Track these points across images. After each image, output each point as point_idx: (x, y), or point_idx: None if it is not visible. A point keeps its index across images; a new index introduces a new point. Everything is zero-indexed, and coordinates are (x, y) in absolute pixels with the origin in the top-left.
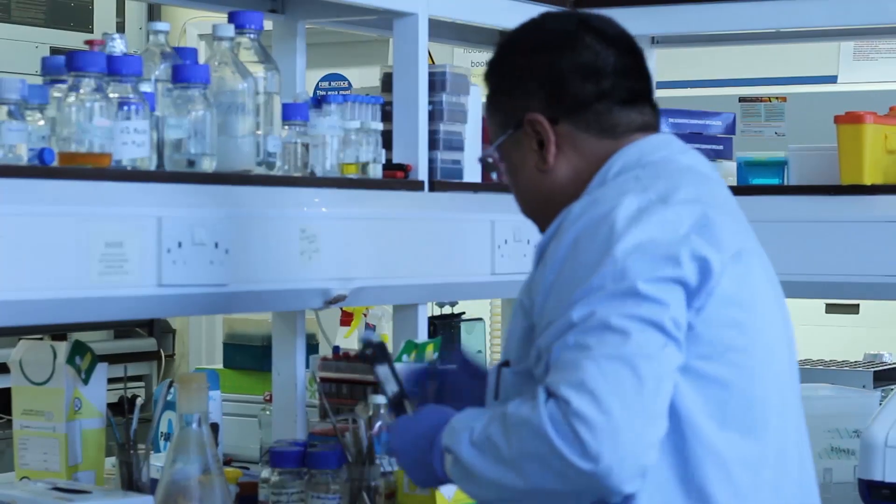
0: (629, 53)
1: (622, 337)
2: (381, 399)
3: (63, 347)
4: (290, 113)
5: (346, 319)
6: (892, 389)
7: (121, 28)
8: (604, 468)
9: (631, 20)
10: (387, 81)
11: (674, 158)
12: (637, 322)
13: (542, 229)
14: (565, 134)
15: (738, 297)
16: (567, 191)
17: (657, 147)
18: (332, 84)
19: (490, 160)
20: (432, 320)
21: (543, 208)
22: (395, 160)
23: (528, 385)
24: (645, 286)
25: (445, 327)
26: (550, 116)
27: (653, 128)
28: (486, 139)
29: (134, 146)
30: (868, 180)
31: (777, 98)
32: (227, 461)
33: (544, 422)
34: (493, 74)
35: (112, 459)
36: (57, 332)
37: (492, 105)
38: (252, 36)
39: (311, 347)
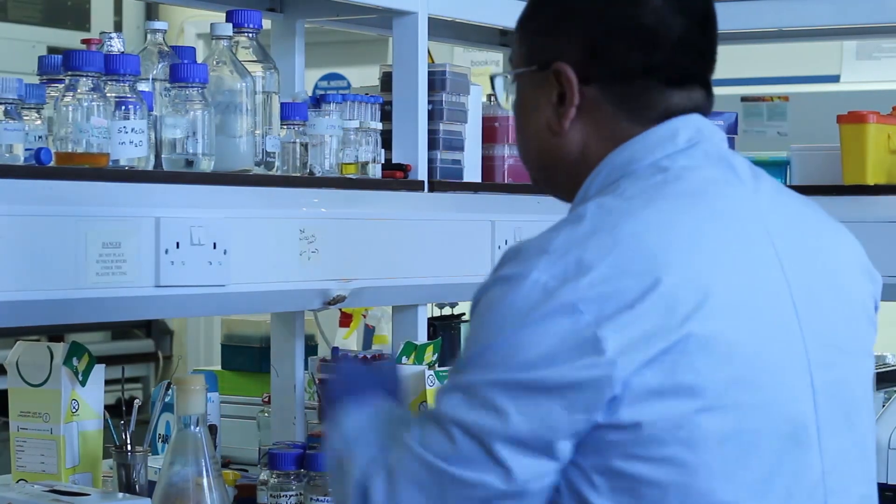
0: (701, 24)
1: (445, 443)
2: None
3: (60, 349)
4: (289, 112)
5: (346, 320)
6: (894, 391)
7: (118, 27)
8: None
9: None
10: (386, 81)
11: (666, 165)
12: (465, 433)
13: (533, 180)
14: (590, 99)
15: (678, 382)
16: (571, 162)
17: (653, 146)
18: (332, 83)
19: (505, 81)
20: (432, 321)
21: (544, 170)
22: (395, 160)
23: None
24: (494, 393)
25: (445, 328)
26: (582, 74)
27: (697, 111)
28: (490, 137)
29: (132, 146)
30: (871, 180)
31: (779, 98)
32: (226, 463)
33: (354, 488)
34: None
35: (109, 461)
36: (54, 334)
37: (522, 30)
38: (250, 35)
39: (310, 349)
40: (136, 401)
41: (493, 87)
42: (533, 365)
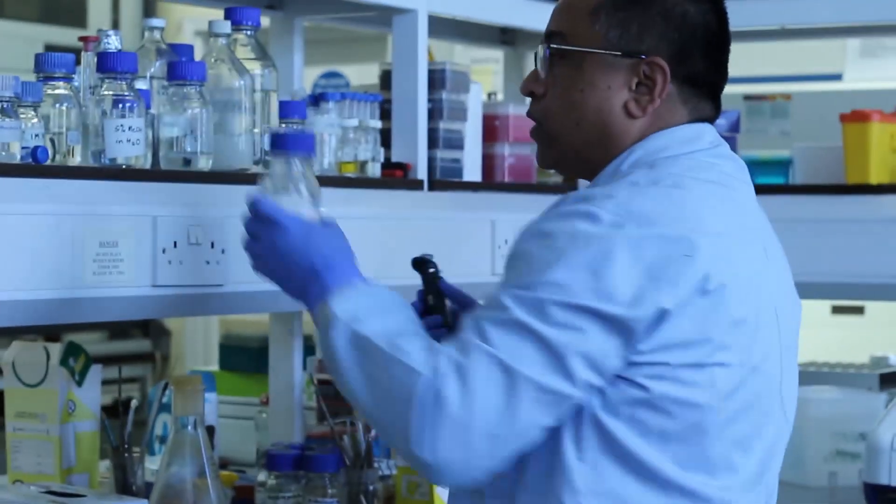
0: (727, 46)
1: (520, 349)
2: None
3: (57, 349)
4: (288, 111)
5: None
6: None
7: (116, 24)
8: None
9: None
10: (385, 79)
11: (694, 156)
12: (541, 342)
13: (551, 158)
14: (668, 96)
15: (712, 334)
16: (624, 144)
17: (683, 141)
18: (331, 81)
19: (546, 52)
20: None
21: (588, 142)
22: (394, 159)
23: None
24: (564, 312)
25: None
26: (671, 72)
27: (711, 122)
28: (490, 135)
29: (129, 144)
30: (874, 179)
31: (782, 96)
32: (223, 464)
33: (418, 383)
34: None
35: (106, 462)
36: (50, 333)
37: (614, 15)
38: (249, 32)
39: (309, 349)
40: (134, 401)
41: (540, 53)
42: (604, 296)
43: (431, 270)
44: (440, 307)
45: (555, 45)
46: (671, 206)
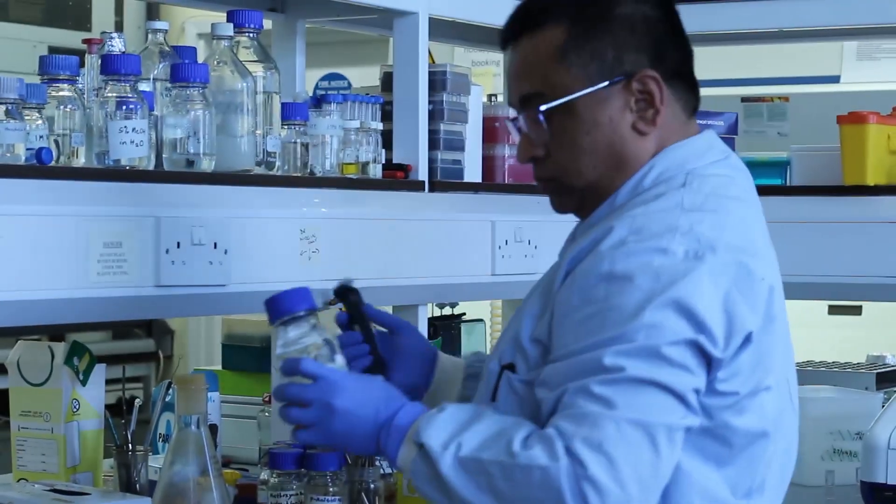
0: (680, 24)
1: (646, 401)
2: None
3: (61, 348)
4: (290, 112)
5: None
6: (894, 391)
7: (119, 27)
8: None
9: None
10: (387, 81)
11: (715, 171)
12: (662, 388)
13: (570, 204)
14: (666, 98)
15: (766, 358)
16: (644, 160)
17: (700, 152)
18: (332, 83)
19: (534, 115)
20: (432, 321)
21: (609, 177)
22: (395, 160)
23: (531, 399)
24: (675, 350)
25: (446, 328)
26: (662, 76)
27: (696, 112)
28: (490, 137)
29: (133, 146)
30: (871, 181)
31: (780, 98)
32: (226, 463)
33: (561, 477)
34: (588, 16)
35: (110, 461)
36: (55, 333)
37: (580, 50)
38: (251, 35)
39: None
40: (137, 400)
41: (518, 127)
42: (699, 326)
43: (354, 298)
44: (367, 334)
45: (544, 107)
46: (729, 231)
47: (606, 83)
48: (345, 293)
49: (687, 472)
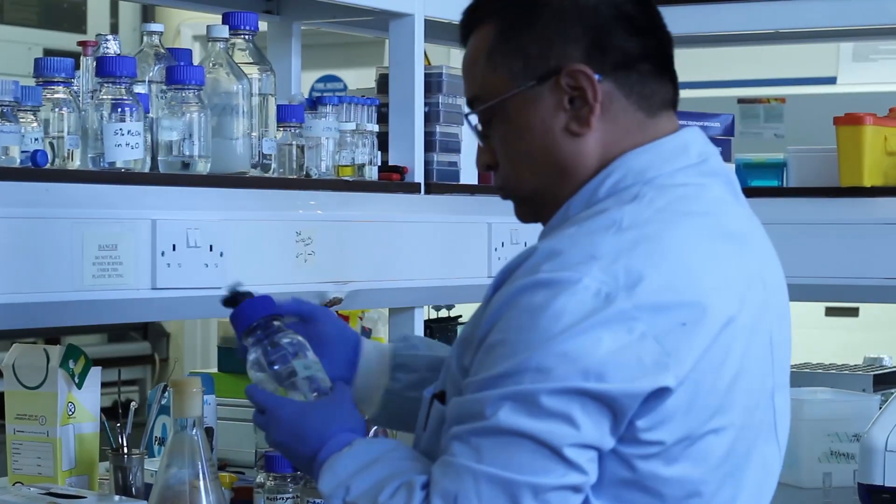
0: (656, 13)
1: (514, 456)
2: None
3: (56, 351)
4: (286, 114)
5: None
6: (892, 393)
7: (114, 29)
8: None
9: None
10: (382, 83)
11: (683, 180)
12: (536, 442)
13: (530, 213)
14: (606, 95)
15: (712, 399)
16: (588, 165)
17: (669, 157)
18: (328, 85)
19: (474, 121)
20: (428, 323)
21: (552, 185)
22: (391, 162)
23: None
24: (556, 400)
25: (442, 331)
26: (594, 71)
27: (674, 106)
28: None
29: (128, 148)
30: (868, 182)
31: (776, 99)
32: (222, 466)
33: None
34: (515, 10)
35: (106, 464)
36: (50, 336)
37: (505, 48)
38: (247, 37)
39: None
40: (133, 403)
41: (471, 126)
42: (594, 374)
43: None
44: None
45: (470, 112)
46: (664, 263)
47: (534, 82)
48: (237, 300)
49: None
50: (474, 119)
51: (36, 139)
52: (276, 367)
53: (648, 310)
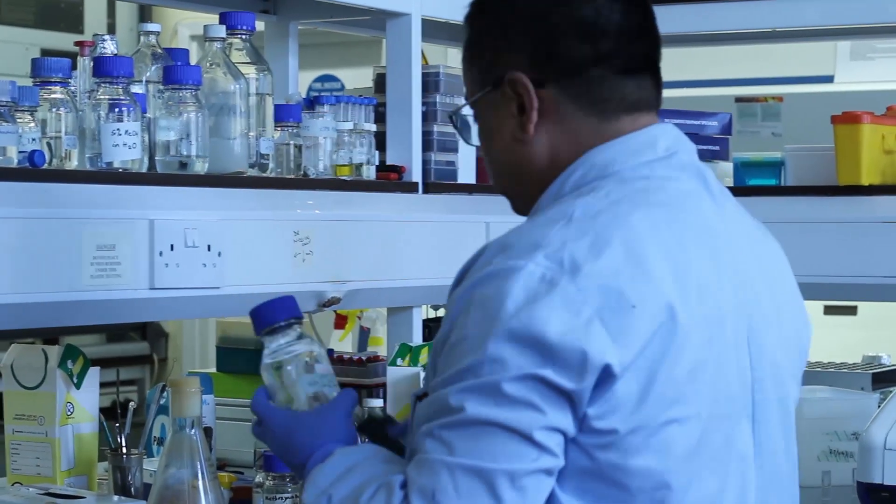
0: (638, 11)
1: (486, 446)
2: (375, 402)
3: (55, 351)
4: (283, 114)
5: (341, 322)
6: (890, 391)
7: (111, 29)
8: None
9: None
10: (380, 82)
11: (646, 173)
12: (505, 429)
13: (515, 206)
14: (550, 101)
15: (668, 389)
16: (541, 168)
17: (634, 152)
18: (325, 85)
19: (461, 119)
20: (427, 323)
21: (515, 183)
22: (389, 161)
23: None
24: (517, 387)
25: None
26: (535, 78)
27: (648, 106)
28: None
29: (125, 148)
30: (865, 181)
31: (774, 98)
32: (221, 466)
33: None
34: (476, 20)
35: (105, 464)
36: (49, 336)
37: (469, 55)
38: (244, 37)
39: None
40: (132, 403)
41: (458, 130)
42: (544, 359)
43: (380, 432)
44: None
45: (450, 112)
46: (611, 250)
47: (489, 88)
48: (373, 427)
49: None
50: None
51: (33, 139)
52: (286, 374)
53: (593, 292)
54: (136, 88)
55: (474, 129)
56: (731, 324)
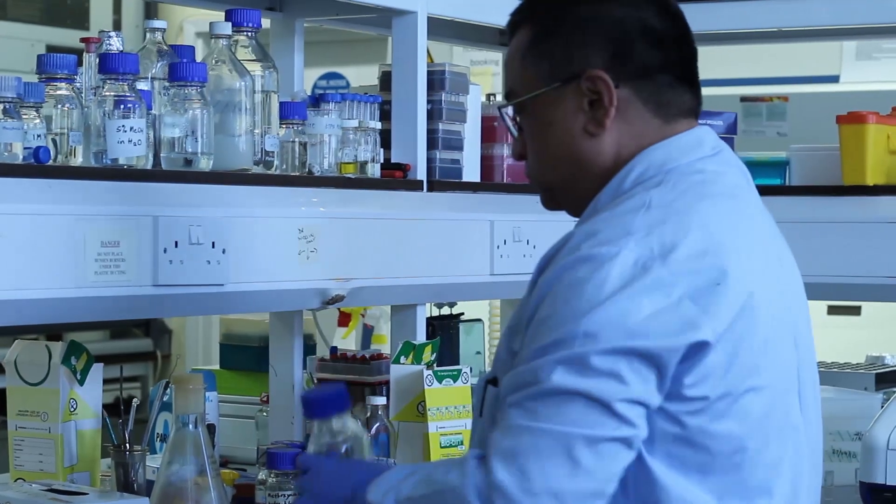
0: (684, 23)
1: (568, 412)
2: (379, 400)
3: (58, 348)
4: (288, 112)
5: (344, 320)
6: (894, 392)
7: (117, 26)
8: None
9: None
10: (385, 80)
11: (700, 167)
12: (587, 398)
13: (557, 201)
14: (623, 100)
15: (747, 359)
16: (604, 163)
17: (685, 150)
18: (331, 83)
19: (510, 113)
20: (431, 321)
21: (572, 178)
22: (394, 159)
23: None
24: (605, 360)
25: (444, 328)
26: (613, 77)
27: (695, 113)
28: (489, 136)
29: (130, 145)
30: (870, 181)
31: (779, 98)
32: (224, 462)
33: (469, 492)
34: (547, 16)
35: (108, 461)
36: (52, 332)
37: (536, 50)
38: (250, 34)
39: (309, 348)
40: (135, 400)
41: (504, 120)
42: (638, 333)
43: None
44: None
45: (504, 105)
46: (693, 234)
47: (558, 83)
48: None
49: (665, 487)
50: (510, 111)
51: (38, 135)
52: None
53: (683, 274)
54: (142, 85)
55: (526, 122)
56: (785, 304)
